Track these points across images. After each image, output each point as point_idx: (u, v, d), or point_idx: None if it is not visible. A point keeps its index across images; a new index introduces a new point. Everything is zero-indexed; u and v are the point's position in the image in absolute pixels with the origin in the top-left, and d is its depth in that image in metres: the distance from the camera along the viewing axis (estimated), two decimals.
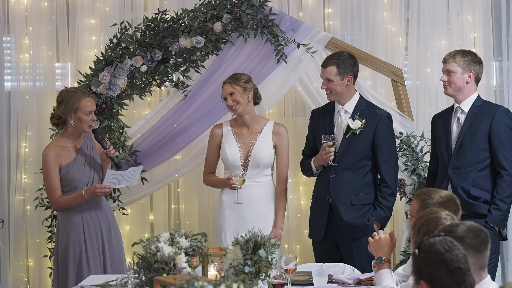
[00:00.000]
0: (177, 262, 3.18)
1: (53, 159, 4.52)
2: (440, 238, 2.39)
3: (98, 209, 4.61)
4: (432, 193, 3.44)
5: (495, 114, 4.55)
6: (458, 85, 4.59)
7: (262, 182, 4.75)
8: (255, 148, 4.71)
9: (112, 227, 4.65)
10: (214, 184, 4.85)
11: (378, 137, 4.67)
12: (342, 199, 4.65)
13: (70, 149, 4.60)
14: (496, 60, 5.52)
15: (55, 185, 4.53)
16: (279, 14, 5.13)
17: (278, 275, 3.63)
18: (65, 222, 4.57)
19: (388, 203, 4.68)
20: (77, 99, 4.52)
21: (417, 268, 2.39)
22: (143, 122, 5.23)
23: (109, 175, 4.45)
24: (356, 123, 4.65)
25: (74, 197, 4.51)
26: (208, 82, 5.15)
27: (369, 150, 4.68)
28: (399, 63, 5.41)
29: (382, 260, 3.56)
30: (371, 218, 4.66)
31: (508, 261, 5.42)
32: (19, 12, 5.47)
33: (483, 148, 4.54)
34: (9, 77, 5.55)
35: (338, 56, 4.71)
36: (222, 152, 4.76)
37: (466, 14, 5.44)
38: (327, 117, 4.77)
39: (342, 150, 4.66)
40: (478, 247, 2.66)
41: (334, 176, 4.67)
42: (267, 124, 4.80)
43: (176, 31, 5.07)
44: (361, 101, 4.75)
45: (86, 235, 4.55)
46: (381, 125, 4.68)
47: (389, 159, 4.70)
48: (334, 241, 4.72)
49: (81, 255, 4.53)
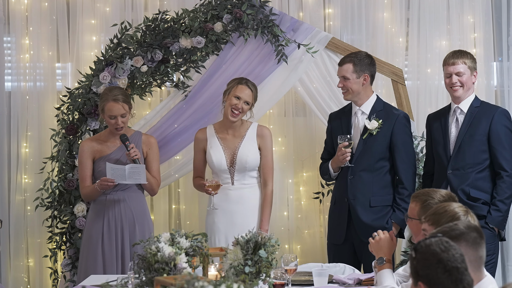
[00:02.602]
0: (178, 262, 3.18)
1: (86, 150, 4.71)
2: (436, 239, 2.40)
3: (123, 205, 4.70)
4: (432, 193, 3.43)
5: (494, 115, 4.54)
6: (468, 86, 4.59)
7: (250, 184, 4.77)
8: (240, 151, 4.72)
9: (137, 223, 4.70)
10: (198, 188, 4.87)
11: (395, 138, 4.64)
12: (360, 200, 4.62)
13: (109, 144, 4.73)
14: (496, 60, 5.52)
15: (83, 175, 4.71)
16: (279, 14, 5.13)
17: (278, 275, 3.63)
18: (90, 217, 4.76)
19: (406, 205, 4.51)
20: (104, 101, 4.66)
21: (415, 270, 2.39)
22: (144, 122, 5.24)
23: (109, 168, 4.55)
24: (373, 124, 4.63)
25: (92, 189, 4.67)
26: (209, 82, 5.16)
27: (386, 150, 4.65)
28: (400, 63, 5.41)
29: (383, 260, 3.56)
30: (390, 220, 4.62)
31: (508, 261, 5.42)
32: (20, 12, 5.47)
33: (482, 150, 4.54)
34: (9, 77, 5.55)
35: (355, 55, 4.70)
36: (208, 157, 4.77)
37: (467, 14, 5.44)
38: (344, 119, 4.75)
39: (359, 151, 4.64)
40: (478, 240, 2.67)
41: (352, 178, 4.64)
42: (250, 127, 4.80)
43: (177, 31, 5.07)
44: (378, 102, 4.72)
45: (105, 232, 4.67)
46: (398, 125, 4.65)
47: (407, 160, 4.66)
48: (351, 244, 4.68)
49: (96, 251, 4.65)
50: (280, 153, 5.45)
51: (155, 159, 4.79)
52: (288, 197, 5.52)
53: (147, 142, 4.79)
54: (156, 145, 4.82)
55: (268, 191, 4.77)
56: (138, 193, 4.77)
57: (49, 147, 5.36)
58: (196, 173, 4.88)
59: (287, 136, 5.54)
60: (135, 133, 4.80)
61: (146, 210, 4.80)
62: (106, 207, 4.69)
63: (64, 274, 5.17)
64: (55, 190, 5.13)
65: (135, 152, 4.60)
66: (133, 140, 4.71)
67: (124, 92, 4.73)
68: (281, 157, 5.47)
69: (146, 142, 4.79)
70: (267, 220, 4.76)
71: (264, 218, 4.74)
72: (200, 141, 4.83)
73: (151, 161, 4.77)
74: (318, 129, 5.46)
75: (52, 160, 5.16)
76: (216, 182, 4.63)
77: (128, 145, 4.61)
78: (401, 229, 4.68)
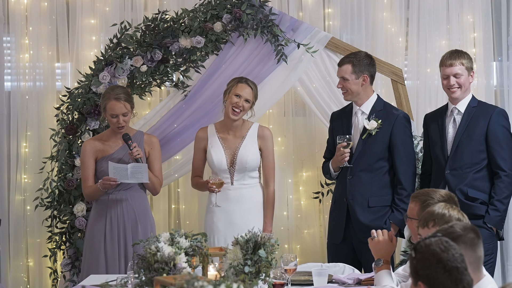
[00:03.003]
0: (177, 262, 3.18)
1: (88, 150, 4.70)
2: (436, 238, 2.40)
3: (125, 204, 4.69)
4: (432, 193, 3.43)
5: (491, 115, 4.53)
6: (466, 87, 4.58)
7: (250, 184, 4.76)
8: (241, 152, 4.72)
9: (139, 222, 4.70)
10: (199, 187, 4.86)
11: (395, 138, 4.63)
12: (359, 200, 4.62)
13: (112, 144, 4.72)
14: (496, 60, 5.52)
15: (86, 175, 4.71)
16: (279, 14, 5.13)
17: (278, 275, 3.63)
18: (92, 216, 4.75)
19: (405, 206, 4.53)
20: (106, 99, 4.67)
21: (414, 270, 2.39)
22: (143, 122, 5.23)
23: (111, 167, 4.55)
24: (372, 124, 4.62)
25: (94, 188, 4.66)
26: (208, 82, 5.16)
27: (385, 151, 4.64)
28: (399, 63, 5.41)
29: (381, 261, 3.56)
30: (388, 221, 4.62)
31: (508, 261, 5.42)
32: (19, 12, 5.47)
33: (480, 149, 4.54)
34: (9, 77, 5.55)
35: (354, 55, 4.68)
36: (208, 156, 4.77)
37: (466, 14, 5.44)
38: (345, 119, 4.75)
39: (359, 151, 4.63)
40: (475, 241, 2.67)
41: (351, 178, 4.64)
42: (251, 127, 4.80)
43: (176, 31, 5.07)
44: (379, 101, 4.71)
45: (108, 232, 4.67)
46: (398, 126, 4.64)
47: (406, 160, 4.64)
48: (351, 244, 4.69)
49: (99, 251, 4.65)
50: (279, 153, 5.45)
51: (157, 158, 4.79)
52: (288, 197, 5.52)
53: (149, 141, 4.79)
54: (158, 144, 4.82)
55: (270, 192, 4.77)
56: (141, 193, 4.77)
57: (48, 147, 5.36)
58: (195, 172, 4.87)
59: (287, 136, 5.54)
60: (137, 132, 4.80)
61: (148, 210, 4.80)
62: (109, 207, 4.69)
63: (64, 274, 5.17)
64: (54, 190, 5.13)
65: (138, 151, 4.60)
66: (135, 140, 4.71)
67: (126, 91, 4.73)
68: (281, 157, 5.47)
69: (148, 141, 4.79)
70: (271, 221, 4.76)
71: (267, 219, 4.74)
72: (201, 140, 4.82)
73: (153, 160, 4.77)
74: (317, 129, 5.46)
75: (51, 160, 5.16)
76: (219, 180, 4.63)
77: (130, 144, 4.61)
78: (400, 229, 4.68)
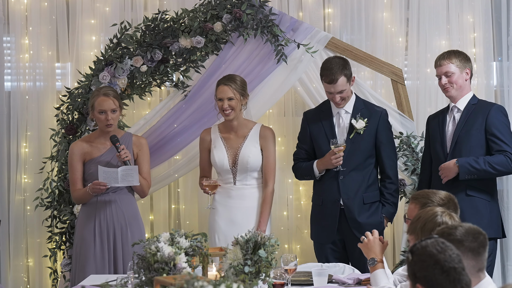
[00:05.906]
0: (177, 262, 3.18)
1: (76, 153, 4.65)
2: (432, 240, 2.40)
3: (114, 206, 4.66)
4: (432, 196, 3.43)
5: (490, 111, 4.56)
6: (459, 84, 4.60)
7: (252, 184, 4.76)
8: (242, 152, 4.72)
9: (129, 225, 4.67)
10: None
11: (381, 134, 4.70)
12: (355, 199, 4.66)
13: (100, 146, 4.68)
14: (496, 60, 5.52)
15: (74, 178, 4.66)
16: (279, 14, 5.13)
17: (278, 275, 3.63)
18: (80, 219, 4.70)
19: (395, 199, 4.74)
20: (94, 96, 4.66)
21: (412, 272, 2.39)
22: (143, 122, 5.24)
23: (101, 171, 4.50)
24: (360, 123, 4.66)
25: (83, 192, 4.62)
26: (208, 82, 5.15)
27: (372, 148, 4.70)
28: (399, 63, 5.42)
29: (374, 261, 3.57)
30: (382, 215, 4.69)
31: (508, 261, 5.42)
32: (19, 12, 5.48)
33: (478, 145, 4.55)
34: (9, 77, 5.55)
35: (343, 67, 4.60)
36: (211, 156, 4.77)
37: (466, 14, 5.44)
38: (325, 120, 4.75)
39: (348, 151, 4.64)
40: (477, 250, 2.67)
41: (343, 178, 4.66)
42: (254, 127, 4.80)
43: (176, 31, 5.07)
44: (358, 100, 4.77)
45: (97, 234, 4.63)
46: (382, 122, 4.72)
47: (392, 155, 4.75)
48: (342, 242, 4.71)
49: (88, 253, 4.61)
50: (279, 153, 5.45)
51: (145, 160, 4.75)
52: (288, 197, 5.53)
53: (138, 143, 4.75)
54: (146, 146, 4.79)
55: (268, 192, 4.76)
56: (129, 195, 4.75)
57: (48, 147, 5.36)
58: (202, 173, 4.87)
59: (287, 135, 5.54)
60: (126, 134, 4.77)
61: (137, 212, 4.76)
62: (97, 209, 4.64)
63: (64, 274, 5.17)
64: (54, 190, 5.13)
65: (126, 153, 4.57)
66: (123, 141, 4.67)
67: (114, 90, 4.72)
68: (281, 156, 5.47)
69: (137, 143, 4.75)
70: (265, 221, 4.74)
71: (262, 218, 4.73)
72: (204, 141, 4.82)
73: (142, 162, 4.73)
74: None
75: (51, 160, 5.16)
76: (214, 182, 4.63)
77: (118, 146, 4.57)
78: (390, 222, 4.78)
